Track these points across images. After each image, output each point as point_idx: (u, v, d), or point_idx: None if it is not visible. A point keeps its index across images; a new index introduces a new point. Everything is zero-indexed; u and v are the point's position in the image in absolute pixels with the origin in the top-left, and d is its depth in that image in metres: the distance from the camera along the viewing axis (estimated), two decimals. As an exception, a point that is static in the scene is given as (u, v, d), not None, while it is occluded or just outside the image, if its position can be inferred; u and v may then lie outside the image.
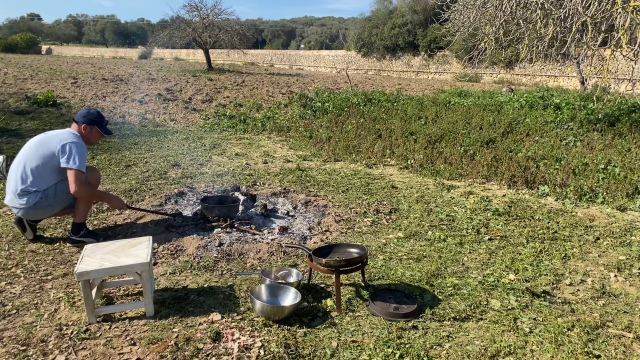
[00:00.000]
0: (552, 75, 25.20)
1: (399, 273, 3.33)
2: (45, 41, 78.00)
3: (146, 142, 8.06)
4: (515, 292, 3.06)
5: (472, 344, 2.52)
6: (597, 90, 12.02)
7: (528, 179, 5.63)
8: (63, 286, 3.07)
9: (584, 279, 3.30)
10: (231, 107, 11.73)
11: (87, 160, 3.88)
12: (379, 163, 6.78)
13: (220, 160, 6.80)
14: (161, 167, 6.29)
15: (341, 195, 5.16)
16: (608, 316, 2.82)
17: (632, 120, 8.93)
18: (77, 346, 2.45)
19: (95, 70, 20.72)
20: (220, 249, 3.63)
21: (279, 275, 3.15)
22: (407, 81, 26.50)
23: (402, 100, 12.67)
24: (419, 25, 32.08)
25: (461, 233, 4.11)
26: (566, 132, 8.39)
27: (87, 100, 12.25)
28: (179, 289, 3.05)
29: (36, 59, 31.18)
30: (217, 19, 30.48)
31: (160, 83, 15.80)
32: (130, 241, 3.00)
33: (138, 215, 4.29)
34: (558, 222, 4.42)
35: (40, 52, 56.16)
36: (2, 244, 3.73)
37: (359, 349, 2.46)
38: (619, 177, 5.64)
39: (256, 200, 4.54)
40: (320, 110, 11.28)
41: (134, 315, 2.74)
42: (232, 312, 2.77)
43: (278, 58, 46.77)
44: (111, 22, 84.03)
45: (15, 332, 2.56)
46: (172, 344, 2.44)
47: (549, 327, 2.67)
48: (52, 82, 15.35)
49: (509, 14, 7.45)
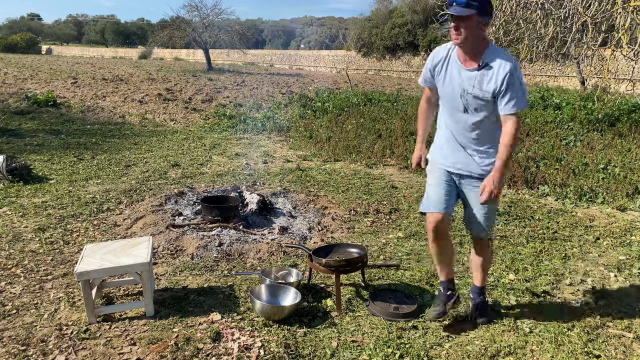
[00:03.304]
0: (552, 75, 25.21)
1: (399, 273, 3.33)
2: (45, 41, 78.01)
3: (146, 142, 8.06)
4: (515, 292, 3.06)
5: (472, 344, 2.52)
6: (597, 90, 12.02)
7: (528, 179, 5.62)
8: (63, 286, 3.07)
9: (584, 279, 3.30)
10: (231, 107, 11.73)
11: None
12: (379, 163, 6.78)
13: (220, 160, 6.80)
14: (161, 167, 6.29)
15: (341, 195, 5.16)
16: (608, 316, 2.82)
17: (632, 120, 8.92)
18: (77, 346, 2.45)
19: (95, 70, 20.72)
20: (220, 249, 3.63)
21: (279, 275, 3.15)
22: (407, 81, 26.49)
23: (402, 100, 12.67)
24: (419, 25, 32.05)
25: (461, 233, 4.11)
26: (566, 132, 8.38)
27: (87, 100, 12.25)
28: (179, 289, 3.05)
29: (36, 59, 31.19)
30: (217, 19, 30.47)
31: (160, 83, 15.79)
32: (130, 241, 3.00)
33: (138, 215, 4.29)
34: (558, 222, 4.42)
35: (40, 52, 56.17)
36: (2, 244, 3.73)
37: (359, 349, 2.46)
38: (619, 177, 5.64)
39: (267, 202, 4.60)
40: (320, 110, 11.27)
41: (134, 315, 2.74)
42: (232, 312, 2.77)
43: (278, 58, 46.78)
44: (111, 22, 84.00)
45: (15, 332, 2.56)
46: (172, 344, 2.44)
47: (549, 327, 2.67)
48: (52, 82, 15.35)
49: (509, 14, 7.45)
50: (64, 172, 5.89)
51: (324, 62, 41.89)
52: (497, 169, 2.36)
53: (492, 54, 2.34)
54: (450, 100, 2.50)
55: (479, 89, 2.35)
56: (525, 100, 2.31)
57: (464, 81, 2.40)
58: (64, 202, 4.73)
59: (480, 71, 2.35)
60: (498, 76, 2.30)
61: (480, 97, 2.36)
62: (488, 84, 2.33)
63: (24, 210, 4.47)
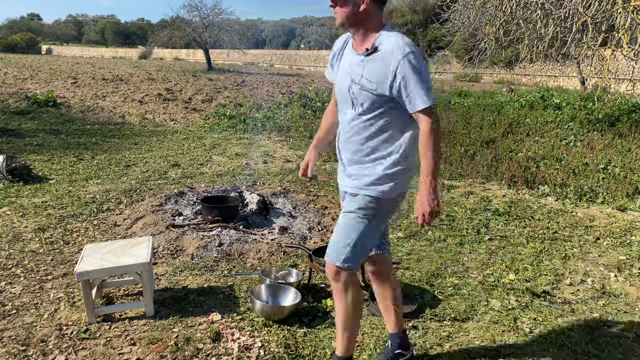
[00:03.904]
0: (552, 75, 25.19)
1: (399, 273, 3.33)
2: (45, 41, 78.00)
3: (146, 142, 8.06)
4: (515, 292, 3.06)
5: (472, 344, 2.52)
6: (598, 90, 12.01)
7: (528, 179, 5.63)
8: (63, 286, 3.07)
9: (584, 279, 3.30)
10: (231, 107, 11.72)
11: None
12: (379, 163, 6.77)
13: (220, 160, 6.80)
14: (161, 167, 6.29)
15: (341, 195, 5.16)
16: (608, 316, 2.82)
17: (633, 120, 8.92)
18: (77, 346, 2.45)
19: (95, 70, 20.72)
20: (220, 249, 3.63)
21: (279, 275, 3.15)
22: (407, 81, 26.42)
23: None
24: (419, 25, 32.06)
25: (461, 233, 4.11)
26: (566, 132, 8.38)
27: (87, 100, 12.24)
28: (179, 289, 3.05)
29: (36, 59, 31.18)
30: (217, 18, 30.43)
31: (160, 83, 15.79)
32: (130, 241, 3.00)
33: (138, 215, 4.29)
34: (558, 222, 4.42)
35: (40, 52, 56.13)
36: (2, 244, 3.73)
37: (359, 349, 2.45)
38: (619, 177, 5.64)
39: (267, 202, 4.59)
40: (320, 110, 11.27)
41: (134, 315, 2.74)
42: (232, 312, 2.77)
43: (278, 58, 46.75)
44: (111, 22, 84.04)
45: (15, 332, 2.56)
46: (172, 344, 2.44)
47: (548, 327, 2.67)
48: (52, 82, 15.35)
49: (509, 14, 7.45)
50: (63, 172, 5.89)
51: (324, 62, 41.86)
52: (421, 182, 1.90)
53: (387, 38, 1.87)
54: (340, 94, 2.03)
55: (367, 79, 1.88)
56: (427, 96, 1.81)
57: (353, 69, 1.94)
58: (64, 202, 4.73)
59: (369, 56, 1.89)
60: (389, 64, 1.83)
61: (367, 89, 1.88)
62: (377, 72, 1.86)
63: (24, 210, 4.47)
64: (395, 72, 1.81)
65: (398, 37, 1.87)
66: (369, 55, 1.89)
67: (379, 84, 1.86)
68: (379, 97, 1.88)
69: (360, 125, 1.96)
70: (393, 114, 1.92)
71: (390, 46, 1.84)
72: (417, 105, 1.82)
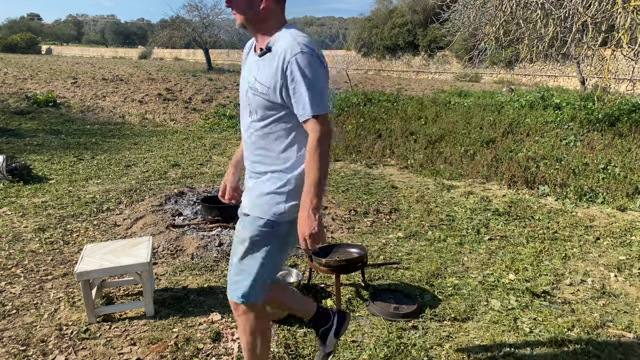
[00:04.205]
0: (552, 75, 25.19)
1: (399, 273, 3.33)
2: (45, 41, 77.96)
3: (146, 142, 8.06)
4: (515, 292, 3.06)
5: (472, 344, 2.52)
6: (598, 90, 12.01)
7: (528, 179, 5.62)
8: (63, 286, 3.07)
9: (584, 279, 3.30)
10: (231, 107, 11.72)
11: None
12: (379, 163, 6.78)
13: (220, 160, 6.80)
14: (161, 167, 6.30)
15: (341, 195, 5.16)
16: (608, 316, 2.82)
17: (633, 120, 8.92)
18: (77, 346, 2.45)
19: (95, 70, 20.71)
20: (220, 249, 3.63)
21: (279, 275, 3.15)
22: (407, 81, 26.49)
23: (402, 100, 12.67)
24: (419, 25, 32.05)
25: (461, 233, 4.11)
26: (566, 132, 8.38)
27: (87, 100, 12.24)
28: (179, 289, 3.05)
29: (36, 59, 31.16)
30: (217, 18, 30.43)
31: (160, 83, 15.79)
32: (130, 241, 3.00)
33: (138, 215, 4.29)
34: (558, 222, 4.42)
35: (40, 52, 56.13)
36: (2, 244, 3.73)
37: (359, 349, 2.45)
38: (619, 177, 5.64)
39: None
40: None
41: (134, 315, 2.74)
42: (232, 312, 2.77)
43: (278, 58, 46.66)
44: (111, 22, 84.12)
45: (15, 332, 2.56)
46: (172, 344, 2.44)
47: (549, 327, 2.67)
48: (52, 82, 15.34)
49: (509, 14, 7.45)
50: (63, 172, 5.89)
51: (324, 62, 41.74)
52: (302, 202, 1.67)
53: (283, 36, 1.67)
54: (240, 99, 1.85)
55: (260, 83, 1.69)
56: (316, 102, 1.60)
57: (250, 72, 1.75)
58: (64, 202, 4.73)
59: (262, 57, 1.70)
60: (278, 65, 1.63)
61: (259, 94, 1.69)
62: (268, 75, 1.66)
63: (24, 210, 4.47)
64: (285, 74, 1.62)
65: (293, 34, 1.66)
66: (262, 56, 1.70)
67: (271, 88, 1.66)
68: (272, 103, 1.68)
69: (256, 135, 1.76)
70: (293, 122, 1.70)
71: (283, 45, 1.63)
72: (304, 112, 1.62)
